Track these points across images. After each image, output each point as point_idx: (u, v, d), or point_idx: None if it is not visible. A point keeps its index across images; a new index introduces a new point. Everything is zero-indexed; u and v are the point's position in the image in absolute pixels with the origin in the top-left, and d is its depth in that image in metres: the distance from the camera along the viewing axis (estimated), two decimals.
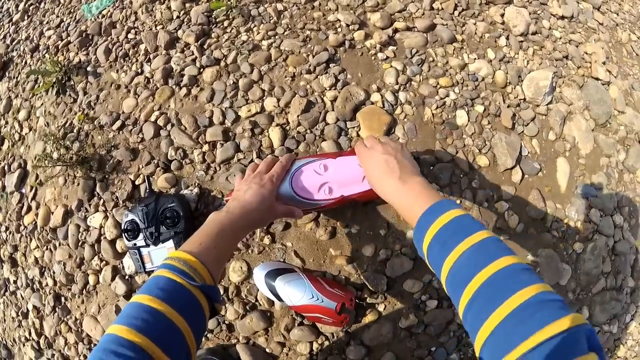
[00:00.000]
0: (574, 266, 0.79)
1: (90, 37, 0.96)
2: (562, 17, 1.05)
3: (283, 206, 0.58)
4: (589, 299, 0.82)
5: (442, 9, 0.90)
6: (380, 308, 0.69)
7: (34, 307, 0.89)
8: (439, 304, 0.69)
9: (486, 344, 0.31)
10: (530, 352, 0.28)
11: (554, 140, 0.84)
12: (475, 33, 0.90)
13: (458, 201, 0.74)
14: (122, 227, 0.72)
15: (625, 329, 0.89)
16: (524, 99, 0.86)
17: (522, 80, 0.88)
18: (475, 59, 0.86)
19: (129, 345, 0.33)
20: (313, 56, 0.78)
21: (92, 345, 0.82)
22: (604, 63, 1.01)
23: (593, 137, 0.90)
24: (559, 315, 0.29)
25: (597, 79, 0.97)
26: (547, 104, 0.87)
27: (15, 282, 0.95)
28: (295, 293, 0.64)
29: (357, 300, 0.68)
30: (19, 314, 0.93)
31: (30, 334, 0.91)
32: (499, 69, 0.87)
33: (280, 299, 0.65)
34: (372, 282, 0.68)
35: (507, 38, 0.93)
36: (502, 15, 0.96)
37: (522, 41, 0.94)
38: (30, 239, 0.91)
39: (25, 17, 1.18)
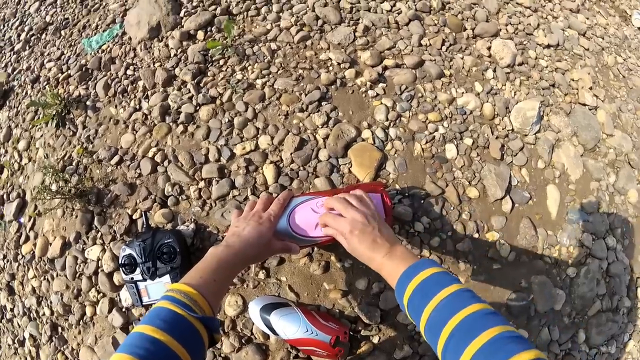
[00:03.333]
0: (568, 290, 0.80)
1: (90, 72, 0.98)
2: (548, 46, 1.08)
3: (280, 242, 0.59)
4: (585, 322, 0.83)
5: (430, 44, 0.93)
6: (375, 340, 0.70)
7: (31, 335, 0.89)
8: None
9: None
10: None
11: (543, 168, 0.86)
12: (463, 67, 0.93)
13: (449, 233, 0.76)
14: (120, 262, 0.73)
15: (623, 348, 0.89)
16: (512, 130, 0.89)
17: (509, 111, 0.90)
18: (463, 92, 0.89)
19: None
20: (305, 95, 0.81)
21: None
22: (590, 88, 1.04)
23: (582, 162, 0.92)
24: (524, 349, 0.34)
25: (584, 104, 1.00)
26: (535, 133, 0.90)
27: (12, 309, 0.95)
28: (290, 327, 0.65)
29: (351, 333, 0.69)
30: (15, 341, 0.94)
31: None
32: (487, 101, 0.90)
33: (275, 333, 0.66)
34: (366, 315, 0.69)
35: (494, 70, 0.96)
36: (489, 48, 0.99)
37: (509, 72, 0.97)
38: (28, 268, 0.91)
39: (27, 47, 1.20)
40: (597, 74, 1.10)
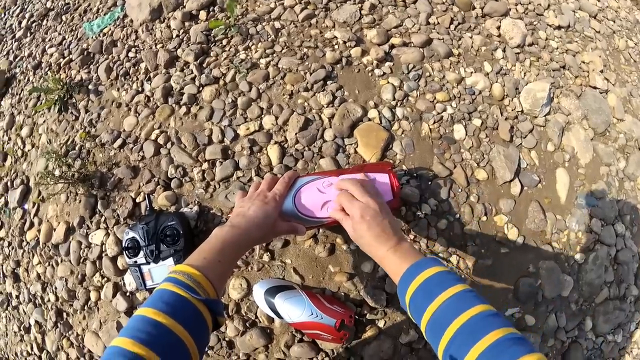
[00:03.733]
0: (575, 277, 0.79)
1: (92, 55, 0.97)
2: (559, 27, 1.05)
3: (286, 223, 0.58)
4: (592, 309, 0.81)
5: (438, 23, 0.91)
6: (380, 324, 0.69)
7: (36, 322, 0.89)
8: None
9: None
10: None
11: (553, 152, 0.84)
12: (472, 46, 0.90)
13: (457, 215, 0.74)
14: (123, 245, 0.73)
15: (630, 337, 0.88)
16: (522, 111, 0.86)
17: (519, 92, 0.88)
18: (472, 72, 0.87)
19: (132, 357, 0.34)
20: (310, 74, 0.79)
21: None
22: (601, 71, 1.01)
23: (592, 146, 0.89)
24: (527, 352, 0.35)
25: (595, 87, 0.97)
26: (545, 115, 0.87)
27: (17, 296, 0.95)
28: (295, 310, 0.64)
29: (356, 317, 0.68)
30: (21, 328, 0.94)
31: (32, 348, 0.91)
32: (496, 81, 0.87)
33: (279, 316, 0.65)
34: (371, 298, 0.68)
35: (504, 50, 0.93)
36: (498, 27, 0.97)
37: (518, 53, 0.94)
38: (33, 255, 0.91)
39: (28, 34, 1.20)
40: (608, 57, 1.07)
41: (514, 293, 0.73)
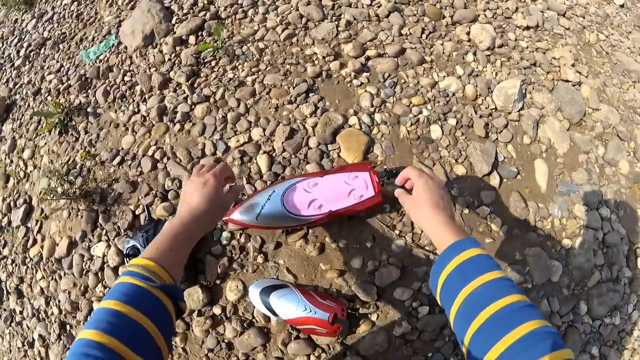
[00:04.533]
0: (564, 262, 0.81)
1: (89, 81, 1.03)
2: (528, 28, 1.11)
3: (229, 194, 0.61)
4: (585, 293, 0.83)
5: (411, 33, 0.98)
6: (373, 317, 0.72)
7: (40, 336, 0.91)
8: (430, 310, 0.71)
9: None
10: None
11: (529, 144, 0.89)
12: (443, 52, 0.97)
13: None
14: (124, 253, 0.76)
15: (628, 319, 0.89)
16: (495, 108, 0.92)
17: (491, 91, 0.93)
18: (444, 76, 0.93)
19: (98, 346, 0.35)
20: (294, 88, 0.85)
21: None
22: (572, 65, 1.06)
23: (569, 136, 0.93)
24: (558, 347, 0.35)
25: (567, 81, 1.02)
26: (518, 111, 0.92)
27: (21, 312, 0.97)
28: (289, 307, 0.67)
29: (349, 311, 0.71)
30: (25, 343, 0.95)
31: None
32: (469, 83, 0.93)
33: (275, 314, 0.69)
34: (362, 293, 0.72)
35: (474, 54, 0.99)
36: (468, 33, 1.03)
37: (489, 55, 1.00)
38: (36, 270, 0.94)
39: (27, 62, 1.25)
40: (579, 51, 1.12)
41: None
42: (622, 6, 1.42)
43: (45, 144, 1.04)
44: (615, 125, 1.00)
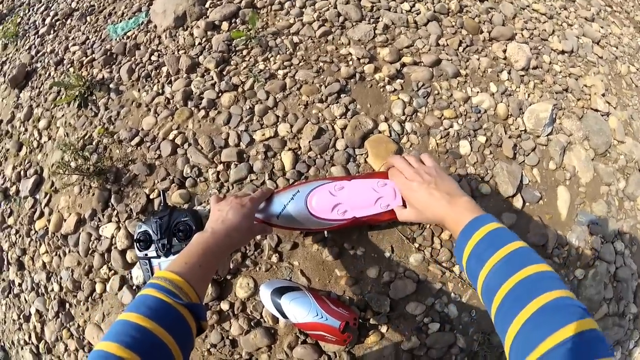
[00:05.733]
0: (575, 292, 0.80)
1: (115, 56, 1.01)
2: (562, 52, 1.10)
3: (259, 225, 0.62)
4: None
5: (448, 45, 0.96)
6: (383, 329, 0.71)
7: (37, 311, 0.90)
8: (441, 327, 0.70)
9: (512, 347, 0.35)
10: (548, 353, 0.32)
11: (555, 170, 0.88)
12: (479, 68, 0.95)
13: None
14: (135, 237, 0.75)
15: (629, 355, 0.89)
16: (525, 130, 0.91)
17: (523, 113, 0.92)
18: (478, 92, 0.91)
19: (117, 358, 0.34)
20: (325, 86, 0.83)
21: None
22: (603, 95, 1.05)
23: (593, 166, 0.93)
24: (571, 320, 0.33)
25: (596, 110, 1.01)
26: (547, 135, 0.91)
27: (20, 284, 0.96)
28: (300, 310, 0.65)
29: (360, 321, 0.70)
30: (21, 316, 0.94)
31: (30, 337, 0.91)
32: (501, 101, 0.92)
33: (285, 316, 0.67)
34: (375, 303, 0.70)
35: (509, 72, 0.98)
36: (504, 51, 1.02)
37: (523, 75, 0.99)
38: (40, 244, 0.92)
39: (52, 31, 1.23)
40: (610, 81, 1.12)
41: None
42: None
43: (63, 115, 1.02)
44: (638, 160, 0.99)
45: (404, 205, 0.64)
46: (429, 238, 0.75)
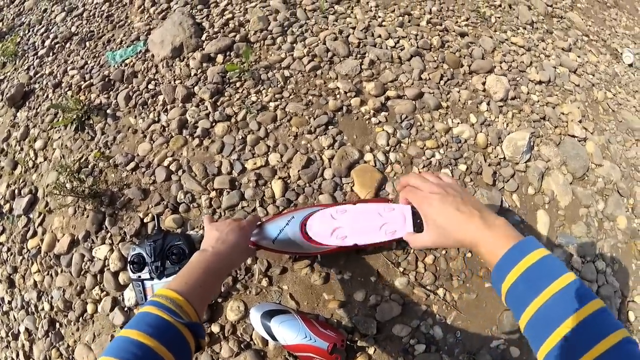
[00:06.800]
0: None
1: (112, 83, 1.05)
2: (540, 82, 1.17)
3: (252, 248, 0.65)
4: None
5: (430, 79, 1.02)
6: (370, 351, 0.73)
7: (26, 329, 0.90)
8: (427, 348, 0.73)
9: None
10: None
11: (534, 194, 0.92)
12: (459, 100, 1.02)
13: (443, 252, 0.80)
14: (129, 259, 0.76)
15: None
16: (504, 158, 0.96)
17: (501, 141, 0.98)
18: (458, 123, 0.97)
19: None
20: (314, 118, 0.88)
21: None
22: (580, 121, 1.11)
23: (571, 189, 0.97)
24: None
25: (573, 136, 1.07)
26: (525, 162, 0.96)
27: (10, 302, 0.95)
28: (289, 333, 0.68)
29: (348, 342, 0.72)
30: (9, 334, 0.93)
31: (17, 356, 0.90)
32: (481, 131, 0.97)
33: (274, 339, 0.69)
34: (362, 326, 0.73)
35: (488, 104, 1.04)
36: (484, 83, 1.08)
37: (502, 106, 1.05)
38: (32, 263, 0.93)
39: (51, 54, 1.27)
40: (587, 108, 1.18)
41: (497, 325, 0.77)
42: (630, 65, 1.50)
43: (59, 137, 1.04)
44: (616, 182, 1.04)
45: (416, 231, 0.57)
46: (413, 262, 0.79)
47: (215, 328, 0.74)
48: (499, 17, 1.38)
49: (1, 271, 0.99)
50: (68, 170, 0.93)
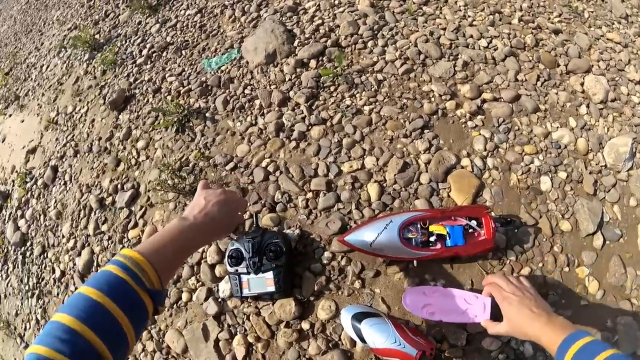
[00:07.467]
0: None
1: (210, 88, 1.13)
2: (639, 82, 1.06)
3: (237, 219, 0.61)
4: None
5: (526, 80, 0.97)
6: None
7: None
8: None
9: None
10: None
11: (636, 206, 0.85)
12: (557, 102, 0.95)
13: (540, 264, 0.77)
14: (227, 254, 0.80)
15: None
16: (605, 166, 0.89)
17: (602, 147, 0.90)
18: (557, 127, 0.91)
19: (72, 332, 0.35)
20: (409, 122, 0.88)
21: (170, 356, 0.88)
22: None
23: None
24: None
25: None
26: (627, 170, 0.88)
27: None
28: (379, 336, 0.68)
29: (436, 351, 0.71)
30: None
31: None
32: (581, 136, 0.91)
33: (363, 341, 0.70)
34: (452, 336, 0.72)
35: (588, 106, 0.97)
36: (582, 84, 1.01)
37: (601, 108, 0.97)
38: None
39: (149, 62, 1.40)
40: None
41: None
42: None
43: (161, 138, 1.15)
44: None
45: (492, 319, 0.67)
46: (508, 274, 0.75)
47: (305, 325, 0.76)
48: (592, 12, 1.27)
49: (101, 257, 1.10)
50: (169, 168, 1.02)
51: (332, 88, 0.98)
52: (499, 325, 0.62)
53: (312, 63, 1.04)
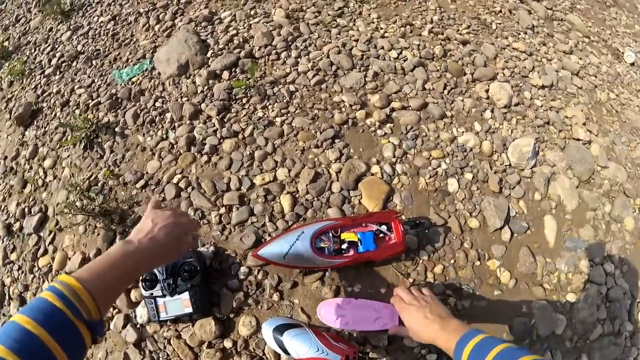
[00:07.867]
0: (568, 315, 0.83)
1: (120, 101, 1.06)
2: (543, 87, 1.17)
3: (186, 245, 0.57)
4: (587, 347, 0.84)
5: (433, 88, 1.03)
6: None
7: None
8: (438, 358, 0.74)
9: None
10: None
11: (540, 200, 0.92)
12: (463, 108, 1.02)
13: (452, 261, 0.82)
14: (141, 277, 0.77)
15: None
16: (510, 165, 0.96)
17: (507, 148, 0.98)
18: (463, 132, 0.98)
19: None
20: (320, 132, 0.89)
21: None
22: (584, 124, 1.11)
23: (578, 193, 0.97)
24: None
25: (578, 139, 1.07)
26: (531, 168, 0.96)
27: None
28: (302, 346, 0.68)
29: (360, 354, 0.73)
30: None
31: None
32: (485, 139, 0.98)
33: (287, 353, 0.70)
34: (373, 338, 0.74)
35: (492, 111, 1.04)
36: (487, 90, 1.09)
37: (505, 112, 1.06)
38: (43, 281, 0.94)
39: (58, 72, 1.29)
40: (591, 110, 1.18)
41: (509, 332, 0.79)
42: (632, 64, 1.50)
43: (69, 156, 1.06)
44: (622, 183, 1.04)
45: (400, 325, 0.71)
46: (422, 272, 0.79)
47: (227, 343, 0.75)
48: (499, 24, 1.39)
49: (12, 289, 1.00)
50: (78, 188, 0.94)
51: (244, 100, 0.96)
52: (405, 330, 0.66)
53: (225, 74, 1.02)
